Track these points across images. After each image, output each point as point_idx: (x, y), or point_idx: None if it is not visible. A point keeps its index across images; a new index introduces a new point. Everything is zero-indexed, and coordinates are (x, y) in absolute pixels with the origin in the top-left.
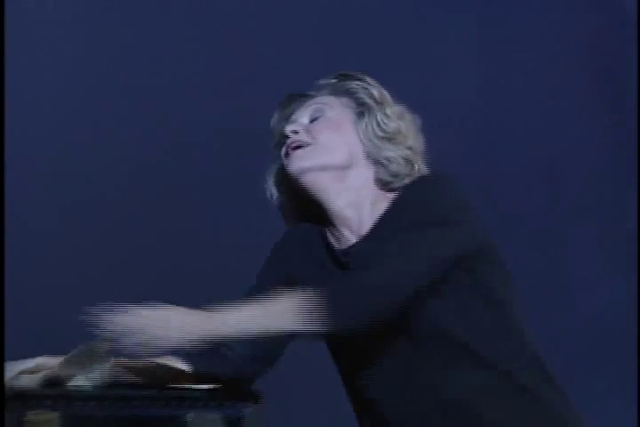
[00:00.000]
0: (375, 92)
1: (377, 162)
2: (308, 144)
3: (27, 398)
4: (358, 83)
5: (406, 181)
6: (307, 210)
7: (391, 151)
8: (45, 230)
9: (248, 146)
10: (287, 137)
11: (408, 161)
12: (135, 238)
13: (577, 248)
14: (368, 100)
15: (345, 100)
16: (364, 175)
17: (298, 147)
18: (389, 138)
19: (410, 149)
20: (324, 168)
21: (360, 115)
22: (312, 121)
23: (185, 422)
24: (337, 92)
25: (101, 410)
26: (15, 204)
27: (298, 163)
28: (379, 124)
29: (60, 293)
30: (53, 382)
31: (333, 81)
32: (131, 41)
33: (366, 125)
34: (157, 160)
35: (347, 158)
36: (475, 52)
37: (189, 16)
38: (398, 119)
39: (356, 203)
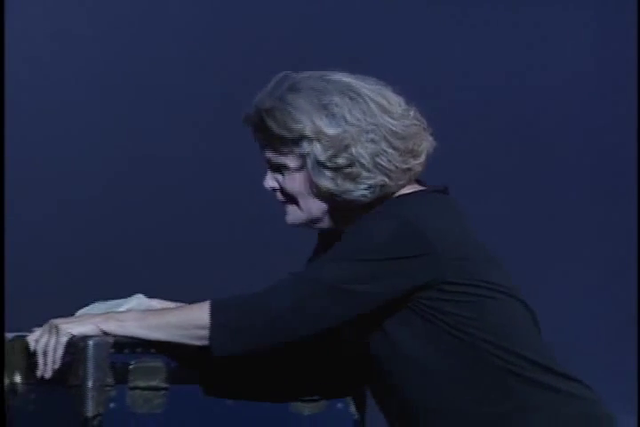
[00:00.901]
0: (307, 129)
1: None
2: (288, 203)
3: (133, 346)
4: (290, 124)
5: (401, 187)
6: None
7: (353, 191)
8: (45, 229)
9: (245, 143)
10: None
11: (372, 187)
12: (133, 233)
13: (576, 247)
14: (306, 148)
15: (295, 148)
16: (349, 203)
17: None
18: (344, 175)
19: (373, 168)
20: (314, 221)
21: (306, 161)
22: (281, 174)
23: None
24: (281, 140)
25: (206, 359)
26: (15, 202)
27: (291, 220)
28: (324, 166)
29: (59, 289)
30: None
31: (268, 119)
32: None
33: (313, 172)
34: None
35: (326, 204)
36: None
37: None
38: (346, 147)
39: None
